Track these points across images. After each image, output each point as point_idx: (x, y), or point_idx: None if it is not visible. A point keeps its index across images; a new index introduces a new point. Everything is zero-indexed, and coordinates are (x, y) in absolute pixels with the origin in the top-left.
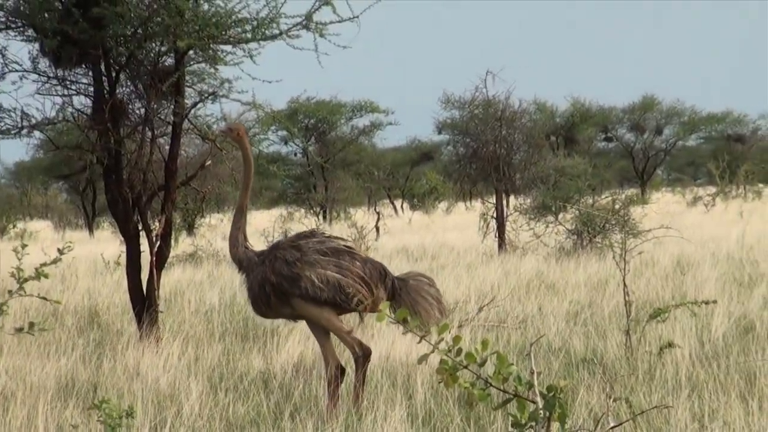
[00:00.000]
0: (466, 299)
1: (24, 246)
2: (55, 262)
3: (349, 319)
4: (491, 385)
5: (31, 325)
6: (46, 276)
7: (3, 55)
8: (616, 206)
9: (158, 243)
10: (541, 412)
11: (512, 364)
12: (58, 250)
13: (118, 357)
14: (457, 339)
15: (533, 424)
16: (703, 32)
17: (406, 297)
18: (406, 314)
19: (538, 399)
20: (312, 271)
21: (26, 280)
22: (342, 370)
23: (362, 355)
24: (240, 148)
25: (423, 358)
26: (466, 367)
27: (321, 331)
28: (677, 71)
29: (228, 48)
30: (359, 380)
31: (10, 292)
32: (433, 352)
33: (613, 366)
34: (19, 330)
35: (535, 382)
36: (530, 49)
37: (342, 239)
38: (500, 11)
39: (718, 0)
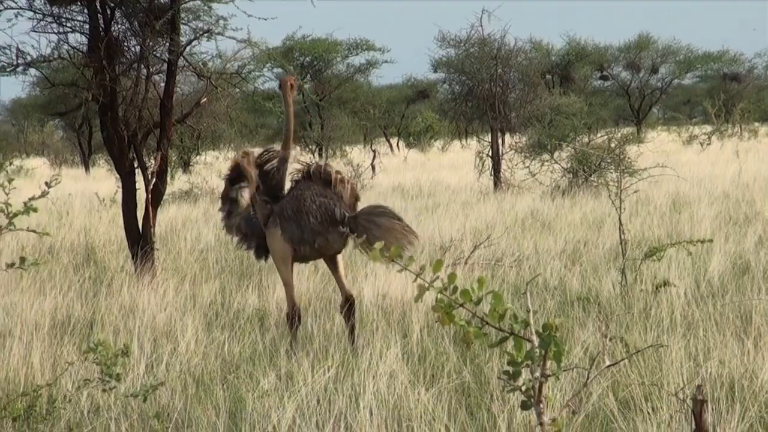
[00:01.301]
0: (462, 237)
1: (11, 180)
2: (43, 195)
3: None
4: (487, 323)
5: (22, 260)
6: (35, 210)
7: None
8: (612, 145)
9: (154, 180)
10: (537, 350)
11: (508, 302)
12: (46, 183)
13: (114, 294)
14: (452, 277)
15: (529, 362)
16: None
17: (359, 234)
18: (400, 251)
19: (534, 337)
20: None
21: (15, 215)
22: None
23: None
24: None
25: (419, 296)
26: (462, 305)
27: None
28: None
29: None
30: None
31: None
32: (428, 289)
33: (609, 305)
34: (11, 266)
35: (531, 321)
36: None
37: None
38: None
39: None
